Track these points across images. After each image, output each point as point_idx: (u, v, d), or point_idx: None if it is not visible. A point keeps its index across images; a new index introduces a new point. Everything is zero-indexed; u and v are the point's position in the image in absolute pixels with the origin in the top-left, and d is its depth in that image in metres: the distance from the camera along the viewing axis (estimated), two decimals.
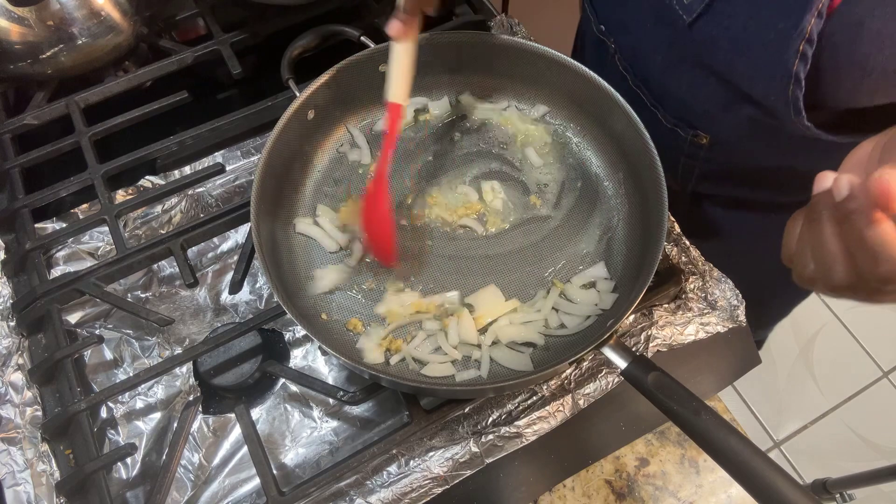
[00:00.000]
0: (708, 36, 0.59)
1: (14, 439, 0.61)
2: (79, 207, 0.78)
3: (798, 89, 0.53)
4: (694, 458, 0.67)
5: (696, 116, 0.70)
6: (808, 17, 0.49)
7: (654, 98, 0.73)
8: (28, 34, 0.78)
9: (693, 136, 0.71)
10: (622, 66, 0.74)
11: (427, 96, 0.80)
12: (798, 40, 0.50)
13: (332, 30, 0.80)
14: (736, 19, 0.56)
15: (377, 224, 0.67)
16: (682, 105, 0.70)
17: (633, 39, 0.72)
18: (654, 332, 0.66)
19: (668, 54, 0.67)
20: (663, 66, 0.69)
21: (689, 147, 0.72)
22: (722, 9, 0.57)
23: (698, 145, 0.71)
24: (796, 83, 0.53)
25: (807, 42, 0.50)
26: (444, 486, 0.60)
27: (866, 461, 1.69)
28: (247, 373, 0.66)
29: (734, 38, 0.57)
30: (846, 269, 0.41)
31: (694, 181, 0.78)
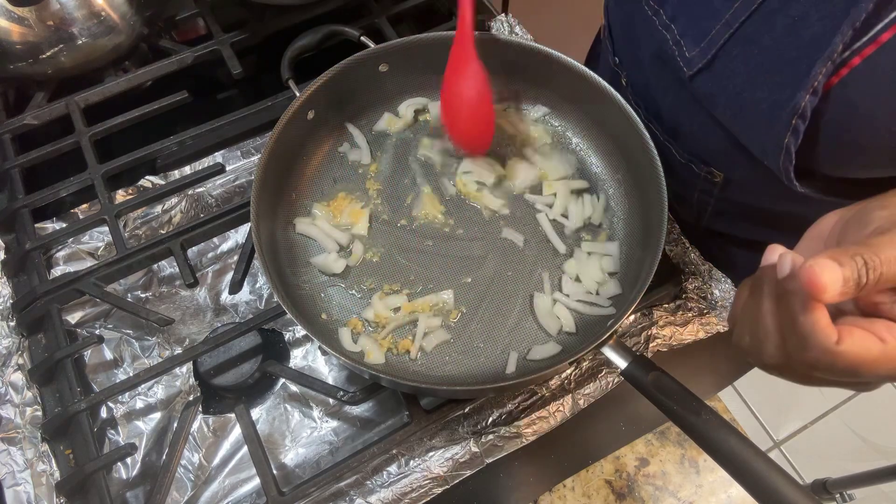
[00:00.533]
0: (708, 92, 0.58)
1: (14, 439, 0.61)
2: (79, 207, 0.78)
3: (788, 162, 0.52)
4: (694, 458, 0.67)
5: (709, 154, 0.69)
6: (802, 94, 0.48)
7: (667, 133, 0.72)
8: (28, 34, 0.78)
9: (707, 172, 0.70)
10: (634, 100, 0.73)
11: (427, 96, 0.80)
12: (791, 115, 0.49)
13: (332, 30, 0.80)
14: (733, 82, 0.55)
15: (470, 101, 0.65)
16: (693, 143, 0.70)
17: (644, 77, 0.71)
18: (654, 332, 0.66)
19: (677, 95, 0.67)
20: (673, 105, 0.68)
21: (703, 183, 0.72)
22: (721, 69, 0.56)
23: (712, 182, 0.71)
24: (786, 156, 0.52)
25: (799, 118, 0.49)
26: (444, 486, 0.61)
27: (866, 461, 1.69)
28: (247, 373, 0.66)
29: (731, 100, 0.56)
30: (777, 348, 0.41)
31: (708, 217, 0.77)
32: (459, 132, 0.69)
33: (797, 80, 0.48)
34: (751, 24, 0.51)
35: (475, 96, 0.66)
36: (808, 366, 0.38)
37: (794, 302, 0.38)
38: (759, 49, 0.52)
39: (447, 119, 0.69)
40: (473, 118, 0.67)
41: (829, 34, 0.45)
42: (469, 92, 0.66)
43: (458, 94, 0.66)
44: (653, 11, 0.62)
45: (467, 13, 0.65)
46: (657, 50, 0.64)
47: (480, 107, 0.66)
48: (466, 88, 0.66)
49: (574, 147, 0.77)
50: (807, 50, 0.47)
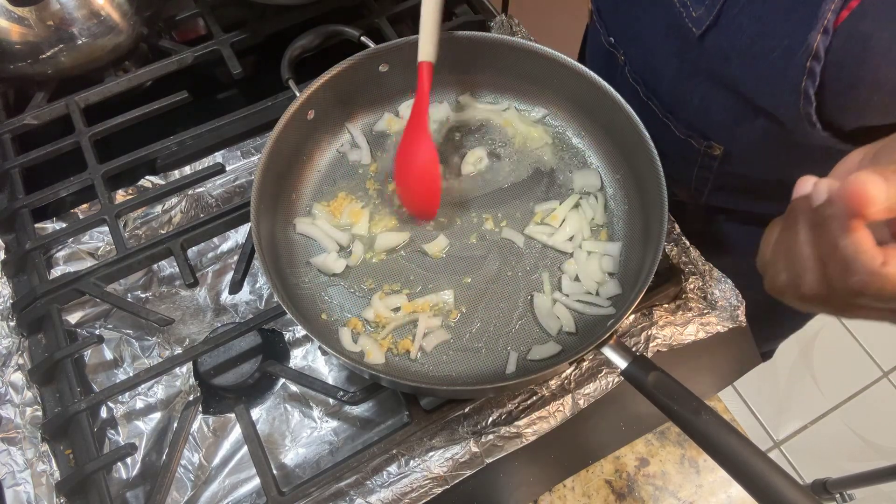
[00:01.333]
0: (718, 48, 0.58)
1: (14, 439, 0.61)
2: (79, 207, 0.78)
3: (808, 105, 0.52)
4: (694, 458, 0.67)
5: (709, 127, 0.69)
6: (813, 34, 0.48)
7: (666, 109, 0.72)
8: (28, 34, 0.78)
9: (706, 147, 0.70)
10: (632, 78, 0.73)
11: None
12: (804, 57, 0.49)
13: (332, 30, 0.80)
14: (743, 33, 0.55)
15: (419, 173, 0.68)
16: (694, 116, 0.70)
17: (644, 51, 0.71)
18: (654, 332, 0.66)
19: (679, 66, 0.67)
20: (675, 77, 0.69)
21: (703, 158, 0.72)
22: (729, 23, 0.56)
23: (712, 156, 0.71)
24: (806, 100, 0.52)
25: (814, 59, 0.49)
26: (444, 486, 0.60)
27: (866, 461, 1.69)
28: (247, 373, 0.66)
29: (742, 52, 0.55)
30: (817, 278, 0.39)
31: (707, 193, 0.77)
32: (408, 198, 0.71)
33: (807, 22, 0.48)
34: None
35: (423, 170, 0.68)
36: (853, 293, 0.37)
37: (833, 227, 0.36)
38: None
39: (398, 183, 0.72)
40: (420, 189, 0.69)
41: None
42: (418, 165, 0.68)
43: (409, 164, 0.68)
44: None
45: (425, 85, 0.67)
46: (662, 17, 0.64)
47: (427, 181, 0.69)
48: (416, 161, 0.68)
49: (574, 147, 0.77)
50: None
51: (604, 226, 0.72)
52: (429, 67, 0.67)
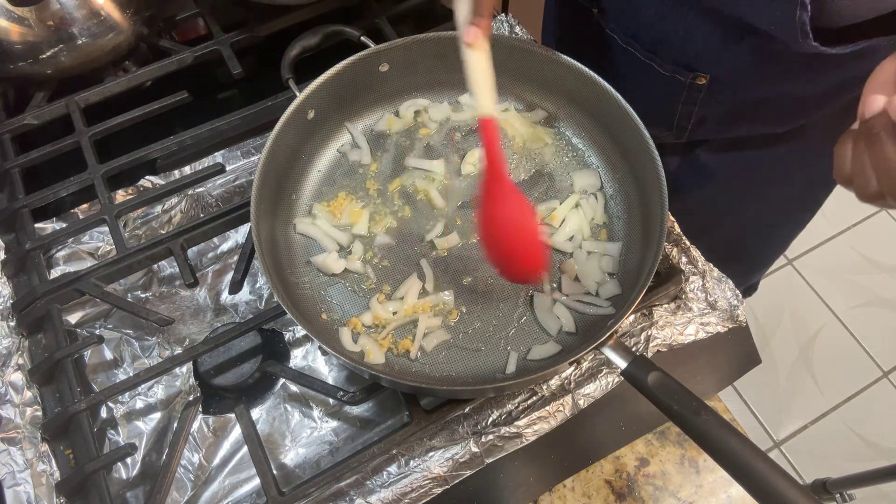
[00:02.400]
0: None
1: (14, 439, 0.61)
2: (79, 207, 0.78)
3: (805, 13, 0.54)
4: (694, 458, 0.67)
5: (695, 58, 0.70)
6: None
7: (648, 50, 0.73)
8: (28, 34, 0.78)
9: (692, 78, 0.71)
10: (609, 28, 0.73)
11: (427, 97, 0.80)
12: None
13: (332, 30, 0.80)
14: None
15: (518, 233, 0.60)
16: (678, 50, 0.71)
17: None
18: (654, 332, 0.66)
19: (661, 4, 0.68)
20: (657, 15, 0.69)
21: (688, 91, 0.73)
22: None
23: (697, 88, 0.72)
24: (802, 8, 0.54)
25: None
26: (444, 486, 0.60)
27: (866, 461, 1.69)
28: (247, 373, 0.65)
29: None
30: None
31: (690, 129, 0.79)
32: (509, 263, 0.63)
33: None
34: None
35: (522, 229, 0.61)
36: None
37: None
38: None
39: (491, 253, 0.63)
40: (523, 249, 0.61)
41: None
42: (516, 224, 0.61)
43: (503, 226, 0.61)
44: None
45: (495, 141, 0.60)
46: None
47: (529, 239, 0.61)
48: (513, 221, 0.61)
49: (574, 148, 0.77)
50: None
51: (604, 226, 0.72)
52: (494, 123, 0.60)
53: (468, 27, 0.58)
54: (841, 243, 1.88)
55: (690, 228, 0.69)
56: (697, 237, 0.69)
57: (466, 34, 0.59)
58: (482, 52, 0.60)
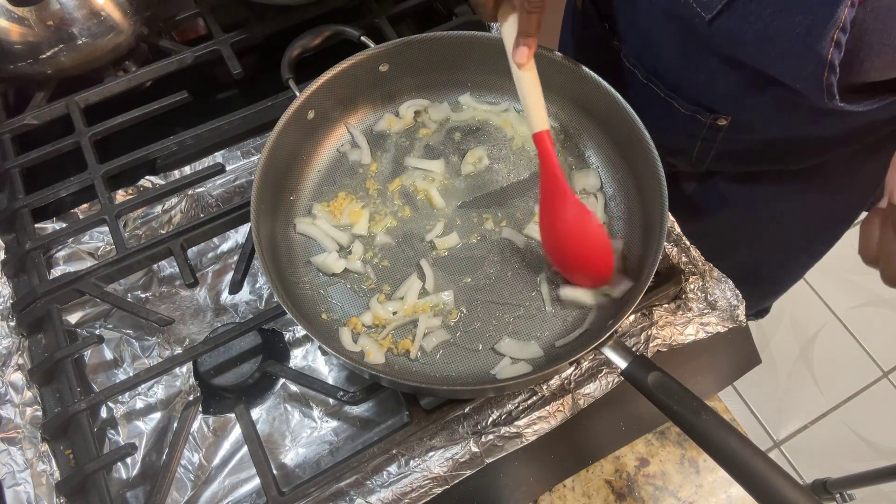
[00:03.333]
0: (730, 31, 0.59)
1: (14, 439, 0.61)
2: (79, 207, 0.78)
3: (833, 75, 0.54)
4: (694, 458, 0.67)
5: (716, 101, 0.70)
6: (841, 8, 0.50)
7: (669, 88, 0.73)
8: (28, 34, 0.78)
9: (713, 119, 0.71)
10: (629, 62, 0.74)
11: (427, 97, 0.80)
12: (832, 29, 0.51)
13: (332, 30, 0.80)
14: (761, 14, 0.56)
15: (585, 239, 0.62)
16: (700, 92, 0.71)
17: (642, 35, 0.72)
18: (654, 332, 0.66)
19: (682, 47, 0.67)
20: (678, 58, 0.69)
21: (708, 131, 0.73)
22: (745, 5, 0.56)
23: (717, 128, 0.72)
24: (831, 70, 0.54)
25: (841, 31, 0.51)
26: (444, 486, 0.60)
27: (866, 461, 1.69)
28: (247, 373, 0.65)
29: (760, 32, 0.57)
30: None
31: (708, 163, 0.79)
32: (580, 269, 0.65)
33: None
34: None
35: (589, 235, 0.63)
36: None
37: None
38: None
39: (559, 261, 0.66)
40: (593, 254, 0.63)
41: None
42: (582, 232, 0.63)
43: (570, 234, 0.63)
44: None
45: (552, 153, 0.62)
46: (666, 3, 0.64)
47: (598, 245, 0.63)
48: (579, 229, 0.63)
49: (574, 148, 0.77)
50: None
51: (604, 225, 0.72)
52: (548, 135, 0.63)
53: (519, 47, 0.59)
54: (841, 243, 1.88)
55: (704, 251, 0.70)
56: (711, 260, 0.70)
57: (517, 55, 0.60)
58: (532, 70, 0.62)
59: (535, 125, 0.62)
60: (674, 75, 0.71)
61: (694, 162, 0.79)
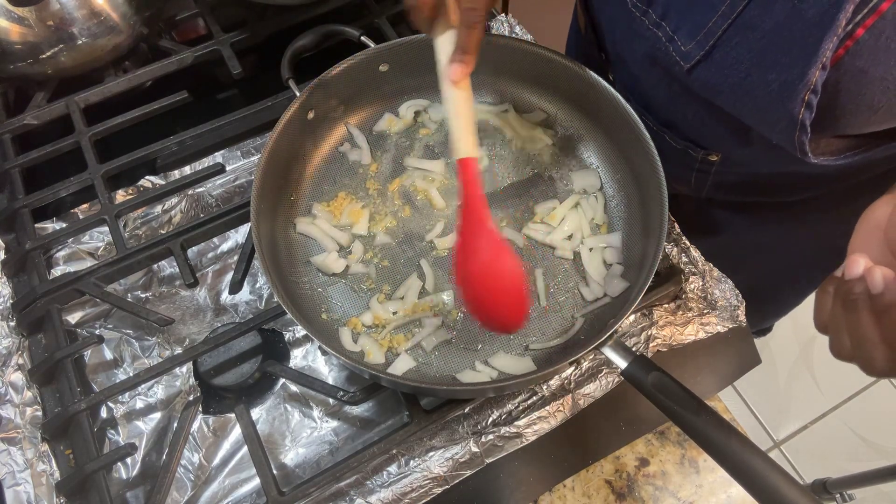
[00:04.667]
0: (707, 82, 0.59)
1: (14, 439, 0.61)
2: (79, 207, 0.78)
3: (804, 135, 0.54)
4: (694, 458, 0.67)
5: (705, 139, 0.70)
6: (812, 70, 0.49)
7: (660, 123, 0.73)
8: (28, 34, 0.78)
9: (704, 154, 0.71)
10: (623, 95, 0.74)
11: (427, 97, 0.80)
12: (803, 91, 0.51)
13: (332, 30, 0.80)
14: (737, 68, 0.55)
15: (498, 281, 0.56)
16: (689, 129, 0.71)
17: (632, 74, 0.72)
18: (654, 332, 0.66)
19: (668, 90, 0.67)
20: (665, 99, 0.69)
21: (701, 164, 0.73)
22: (722, 58, 0.56)
23: (709, 162, 0.72)
24: (802, 130, 0.53)
25: (812, 92, 0.50)
26: (444, 486, 0.60)
27: (866, 461, 1.69)
28: (247, 373, 0.65)
29: (735, 85, 0.56)
30: (886, 356, 0.42)
31: (707, 190, 0.79)
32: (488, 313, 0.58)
33: (806, 58, 0.49)
34: (749, 11, 0.52)
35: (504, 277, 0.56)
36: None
37: None
38: (761, 34, 0.52)
39: (470, 302, 0.58)
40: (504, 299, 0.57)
41: (833, 11, 0.46)
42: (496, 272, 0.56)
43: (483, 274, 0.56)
44: (641, 12, 0.62)
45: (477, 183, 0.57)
46: (648, 49, 0.64)
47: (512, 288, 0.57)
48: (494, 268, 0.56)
49: (573, 149, 0.77)
50: (812, 29, 0.48)
51: (603, 225, 0.72)
52: (474, 163, 0.57)
53: (453, 64, 0.55)
54: None
55: None
56: None
57: (452, 72, 0.55)
58: (466, 90, 0.57)
59: (461, 150, 0.56)
60: (664, 112, 0.71)
61: (694, 189, 0.80)
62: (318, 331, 0.65)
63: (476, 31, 0.53)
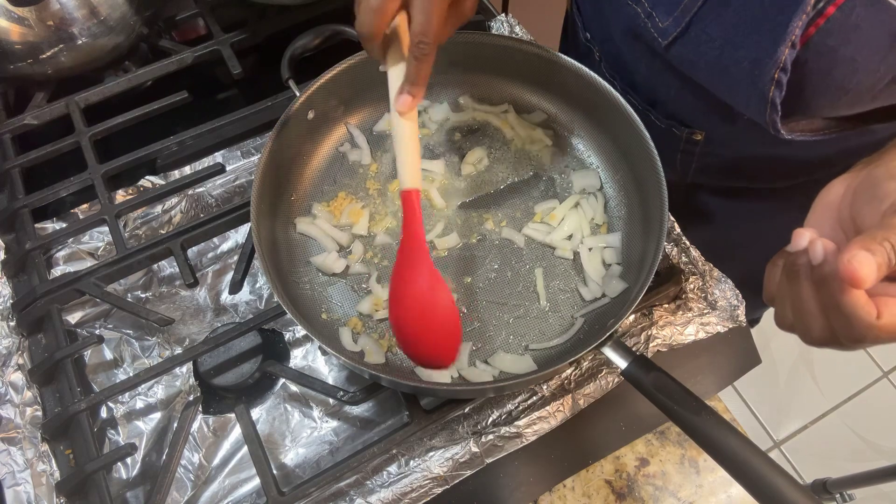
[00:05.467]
0: (684, 58, 0.60)
1: (14, 439, 0.61)
2: (79, 207, 0.78)
3: (775, 113, 0.54)
4: (694, 458, 0.67)
5: (688, 116, 0.71)
6: (781, 49, 0.50)
7: (645, 101, 0.74)
8: (28, 34, 0.78)
9: (688, 133, 0.72)
10: (608, 73, 0.75)
11: (427, 97, 0.80)
12: (773, 69, 0.51)
13: (332, 30, 0.80)
14: (711, 45, 0.56)
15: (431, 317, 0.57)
16: (672, 107, 0.71)
17: (616, 50, 0.73)
18: (654, 332, 0.66)
19: (650, 66, 0.68)
20: (648, 76, 0.70)
21: (685, 144, 0.74)
22: (697, 34, 0.57)
23: (693, 142, 0.73)
24: (772, 108, 0.54)
25: (781, 71, 0.51)
26: (444, 486, 0.60)
27: (866, 461, 1.69)
28: (247, 373, 0.65)
29: (711, 63, 0.57)
30: (822, 327, 0.42)
31: (692, 173, 0.80)
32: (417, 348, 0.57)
33: (776, 36, 0.50)
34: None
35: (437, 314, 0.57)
36: (854, 340, 0.41)
37: (832, 286, 0.40)
38: (733, 10, 0.53)
39: (400, 333, 0.57)
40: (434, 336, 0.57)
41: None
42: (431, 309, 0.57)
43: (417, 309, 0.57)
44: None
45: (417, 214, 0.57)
46: (628, 24, 0.65)
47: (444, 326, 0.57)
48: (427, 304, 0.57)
49: (574, 149, 0.77)
50: (782, 6, 0.49)
51: (603, 225, 0.72)
52: (417, 195, 0.57)
53: (402, 95, 0.55)
54: None
55: None
56: None
57: (399, 103, 0.55)
58: (413, 121, 0.57)
59: (406, 181, 0.57)
60: (647, 90, 0.72)
61: (679, 172, 0.80)
62: (318, 331, 0.65)
63: (425, 64, 0.53)
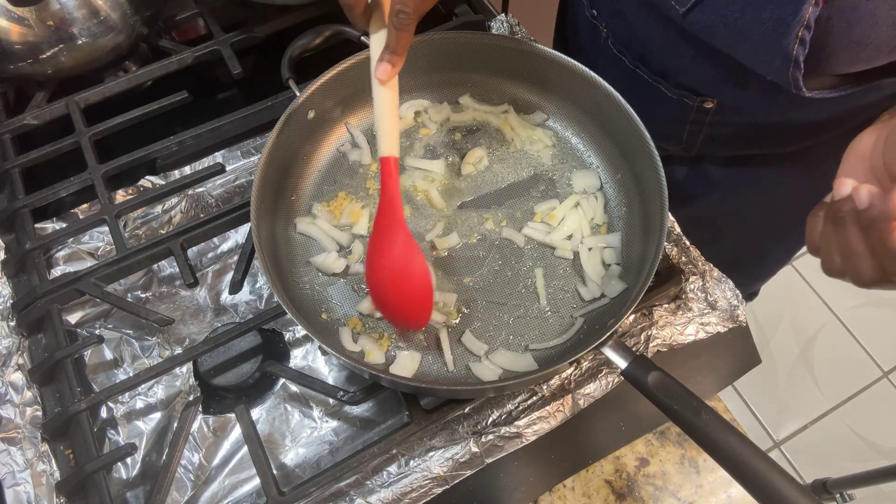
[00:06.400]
0: (703, 24, 0.60)
1: (14, 439, 0.61)
2: (79, 207, 0.78)
3: (798, 71, 0.56)
4: (694, 458, 0.67)
5: (701, 84, 0.71)
6: (806, 7, 0.51)
7: (655, 73, 0.74)
8: (28, 34, 0.78)
9: (700, 102, 0.72)
10: (616, 49, 0.75)
11: (427, 97, 0.80)
12: (797, 27, 0.53)
13: (332, 30, 0.80)
14: (732, 8, 0.57)
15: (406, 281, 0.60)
16: (685, 76, 0.72)
17: (627, 25, 0.73)
18: (654, 332, 0.66)
19: (664, 36, 0.68)
20: (661, 46, 0.70)
21: (696, 114, 0.74)
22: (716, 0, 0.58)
23: (704, 111, 0.73)
24: (795, 66, 0.55)
25: (805, 28, 0.53)
26: (444, 486, 0.60)
27: (866, 461, 1.69)
28: (247, 373, 0.66)
29: (731, 25, 0.58)
30: (872, 267, 0.46)
31: (699, 146, 0.80)
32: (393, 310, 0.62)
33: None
34: None
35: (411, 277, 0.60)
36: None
37: (881, 226, 0.43)
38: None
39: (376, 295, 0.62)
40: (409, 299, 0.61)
41: None
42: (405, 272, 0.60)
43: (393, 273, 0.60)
44: None
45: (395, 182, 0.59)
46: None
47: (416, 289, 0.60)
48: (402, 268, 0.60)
49: (574, 149, 0.77)
50: None
51: (603, 225, 0.72)
52: (395, 162, 0.59)
53: (382, 63, 0.56)
54: None
55: (695, 236, 0.70)
56: (700, 245, 0.70)
57: (379, 71, 0.57)
58: (393, 90, 0.58)
59: (384, 149, 0.59)
60: (659, 62, 0.73)
61: (685, 146, 0.81)
62: (318, 331, 0.65)
63: (405, 34, 0.55)
